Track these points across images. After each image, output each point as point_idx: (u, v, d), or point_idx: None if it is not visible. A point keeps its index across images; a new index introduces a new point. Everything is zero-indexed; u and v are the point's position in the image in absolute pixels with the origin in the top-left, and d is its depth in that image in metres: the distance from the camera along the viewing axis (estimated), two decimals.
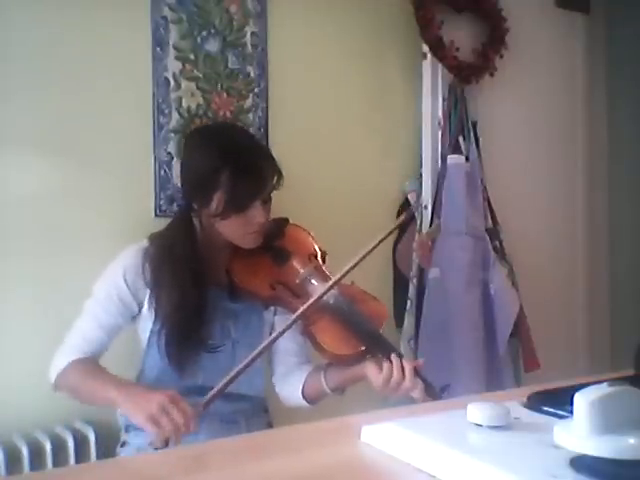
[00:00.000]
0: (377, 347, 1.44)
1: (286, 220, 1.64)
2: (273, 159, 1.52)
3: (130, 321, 1.52)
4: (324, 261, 1.59)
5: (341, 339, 1.44)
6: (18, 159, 1.66)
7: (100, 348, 1.48)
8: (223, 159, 1.44)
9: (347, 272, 1.40)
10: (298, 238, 1.62)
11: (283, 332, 1.40)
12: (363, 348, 1.43)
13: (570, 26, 2.80)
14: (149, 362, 1.51)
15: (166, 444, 1.21)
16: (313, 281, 1.52)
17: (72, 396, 1.45)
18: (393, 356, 1.39)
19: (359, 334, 1.44)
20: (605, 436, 0.58)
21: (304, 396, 1.54)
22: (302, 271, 1.54)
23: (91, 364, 1.43)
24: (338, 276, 1.41)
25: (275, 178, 1.51)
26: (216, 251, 1.54)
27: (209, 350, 1.49)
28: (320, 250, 1.60)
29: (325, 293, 1.41)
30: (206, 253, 1.52)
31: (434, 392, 1.40)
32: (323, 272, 1.54)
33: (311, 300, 1.39)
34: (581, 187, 2.85)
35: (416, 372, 1.39)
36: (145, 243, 1.52)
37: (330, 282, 1.42)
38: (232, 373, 1.30)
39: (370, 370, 1.40)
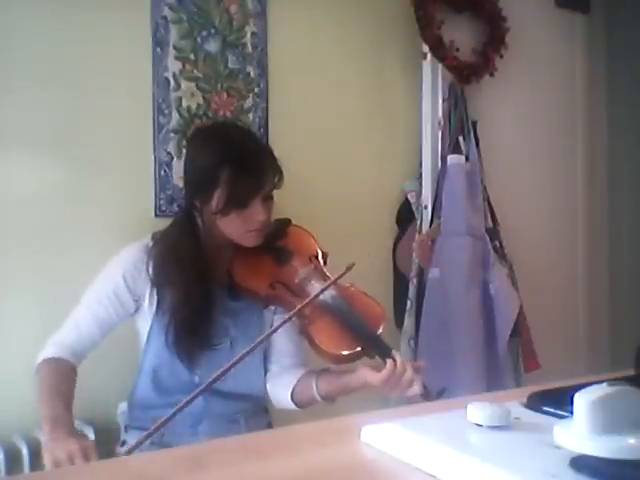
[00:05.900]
0: (374, 348, 1.44)
1: (288, 221, 1.65)
2: (274, 158, 1.53)
3: (124, 319, 1.52)
4: (325, 263, 1.60)
5: (338, 339, 1.44)
6: (18, 159, 1.66)
7: (91, 344, 1.48)
8: (223, 156, 1.45)
9: (346, 272, 1.41)
10: (300, 239, 1.63)
11: (274, 331, 1.42)
12: (360, 349, 1.43)
13: (570, 26, 2.81)
14: (148, 358, 1.51)
15: None
16: (313, 282, 1.53)
17: None
18: (394, 353, 1.40)
19: (356, 335, 1.45)
20: (605, 436, 0.58)
21: (293, 399, 1.53)
22: (302, 271, 1.55)
23: (60, 375, 1.39)
24: (337, 275, 1.42)
25: (276, 177, 1.51)
26: (218, 250, 1.55)
27: (209, 347, 1.49)
28: (321, 251, 1.61)
29: (322, 291, 1.42)
30: (208, 252, 1.53)
31: (431, 396, 1.39)
32: (323, 273, 1.55)
33: (308, 299, 1.40)
34: (581, 187, 2.85)
35: (415, 372, 1.39)
36: (147, 240, 1.52)
37: (329, 281, 1.43)
38: (204, 385, 1.18)
39: (366, 372, 1.40)
